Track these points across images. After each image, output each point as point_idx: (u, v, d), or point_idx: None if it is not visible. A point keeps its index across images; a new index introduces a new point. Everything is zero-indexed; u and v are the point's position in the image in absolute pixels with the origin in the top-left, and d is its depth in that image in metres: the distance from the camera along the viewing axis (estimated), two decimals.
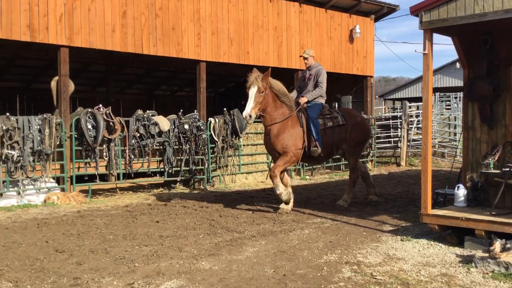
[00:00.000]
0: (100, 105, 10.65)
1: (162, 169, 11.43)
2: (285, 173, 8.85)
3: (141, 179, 11.99)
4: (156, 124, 11.18)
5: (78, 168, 10.42)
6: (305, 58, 9.06)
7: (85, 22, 10.52)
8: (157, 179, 12.14)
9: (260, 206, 9.08)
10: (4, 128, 9.16)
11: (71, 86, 10.69)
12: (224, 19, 12.95)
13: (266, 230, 7.02)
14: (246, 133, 12.91)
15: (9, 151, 9.20)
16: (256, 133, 13.40)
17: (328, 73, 16.00)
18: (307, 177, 14.05)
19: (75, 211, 8.63)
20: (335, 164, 15.16)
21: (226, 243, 6.25)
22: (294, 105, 8.64)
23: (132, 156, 10.72)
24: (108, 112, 10.42)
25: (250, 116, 7.99)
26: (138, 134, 10.86)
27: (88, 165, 10.42)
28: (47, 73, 15.99)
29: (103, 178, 11.03)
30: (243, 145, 13.07)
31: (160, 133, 11.18)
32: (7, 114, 9.41)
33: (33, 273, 4.97)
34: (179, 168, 11.61)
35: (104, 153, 10.45)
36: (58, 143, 9.90)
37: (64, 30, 10.22)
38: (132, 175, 11.10)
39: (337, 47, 15.82)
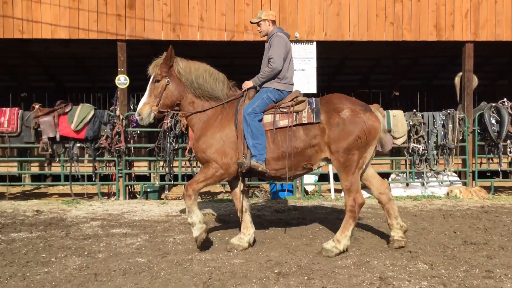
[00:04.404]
0: (505, 99, 10.23)
1: None
2: (241, 195, 5.97)
3: None
4: None
5: (480, 163, 10.33)
6: (258, 25, 6.19)
7: (491, 15, 10.31)
8: None
9: None
10: (411, 123, 9.98)
11: (475, 81, 10.65)
12: None
13: None
14: None
15: (416, 145, 9.96)
16: None
17: None
18: None
19: (478, 206, 8.60)
20: None
21: None
22: (229, 94, 5.95)
23: None
24: None
25: (140, 114, 5.70)
26: None
27: (490, 161, 10.24)
28: (448, 70, 16.36)
29: (506, 175, 10.56)
30: None
31: None
32: (414, 110, 10.19)
33: (445, 259, 5.28)
34: None
35: (508, 149, 10.03)
36: (460, 138, 10.06)
37: (469, 26, 10.29)
38: None
39: None
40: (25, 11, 9.91)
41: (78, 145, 9.63)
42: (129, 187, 10.22)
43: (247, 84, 6.00)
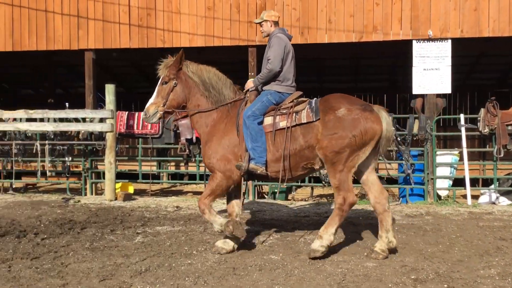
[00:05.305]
0: None
1: None
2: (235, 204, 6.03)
3: None
4: None
5: None
6: (260, 26, 6.15)
7: None
8: None
9: None
10: None
11: None
12: None
13: None
14: None
15: None
16: None
17: None
18: None
19: None
20: None
21: None
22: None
23: None
24: None
25: (146, 114, 5.93)
26: None
27: None
28: None
29: None
30: None
31: None
32: None
33: None
34: None
35: None
36: None
37: None
38: None
39: None
40: (166, 21, 10.74)
41: None
42: (258, 187, 10.57)
43: (249, 84, 6.09)
